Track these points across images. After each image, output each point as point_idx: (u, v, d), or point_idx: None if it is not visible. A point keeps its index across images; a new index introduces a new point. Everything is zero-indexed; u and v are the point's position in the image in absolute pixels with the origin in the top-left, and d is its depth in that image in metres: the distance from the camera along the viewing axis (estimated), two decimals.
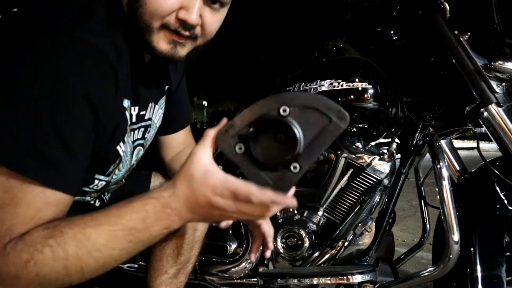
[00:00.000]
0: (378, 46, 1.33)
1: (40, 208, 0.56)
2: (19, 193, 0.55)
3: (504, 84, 1.10)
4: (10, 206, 0.55)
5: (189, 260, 1.08)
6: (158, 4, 0.65)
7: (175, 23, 0.67)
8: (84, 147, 0.62)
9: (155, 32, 0.68)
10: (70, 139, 0.58)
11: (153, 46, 0.69)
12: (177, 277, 1.06)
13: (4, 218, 0.55)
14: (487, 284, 1.02)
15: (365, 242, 1.16)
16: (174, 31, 0.68)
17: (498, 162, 1.13)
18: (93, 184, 0.80)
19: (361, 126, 1.22)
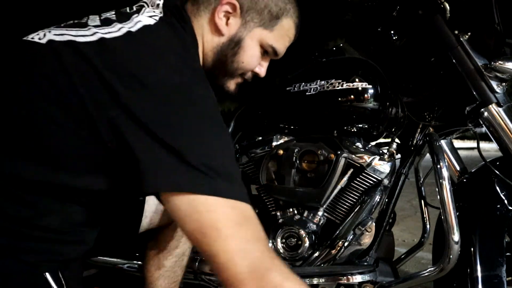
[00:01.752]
0: (378, 46, 1.33)
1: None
2: (252, 224, 0.65)
3: (504, 84, 1.10)
4: (254, 239, 0.64)
5: (184, 253, 1.10)
6: (250, 63, 0.86)
7: (250, 75, 0.91)
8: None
9: (234, 78, 0.88)
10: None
11: (224, 87, 0.89)
12: (174, 270, 1.09)
13: (262, 249, 0.63)
14: (487, 284, 1.02)
15: (365, 242, 1.16)
16: (244, 78, 0.90)
17: (498, 162, 1.13)
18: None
19: (361, 126, 1.22)
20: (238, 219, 0.63)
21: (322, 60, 1.31)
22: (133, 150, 0.62)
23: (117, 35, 0.68)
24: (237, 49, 0.83)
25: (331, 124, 1.24)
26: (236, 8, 0.80)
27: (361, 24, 1.37)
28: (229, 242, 0.61)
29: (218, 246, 0.61)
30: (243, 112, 1.36)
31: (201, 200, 0.61)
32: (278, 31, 0.86)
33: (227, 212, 0.62)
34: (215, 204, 0.61)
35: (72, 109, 0.64)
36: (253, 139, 1.35)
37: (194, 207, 0.61)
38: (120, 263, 1.29)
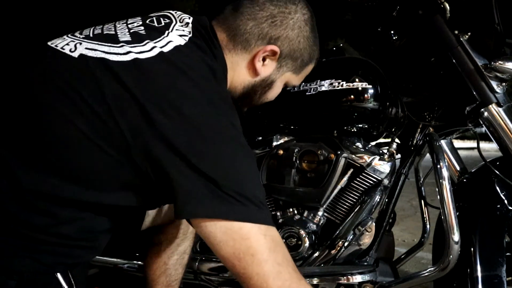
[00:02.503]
0: (378, 46, 1.33)
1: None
2: (281, 248, 0.72)
3: (504, 84, 1.10)
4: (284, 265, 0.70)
5: (185, 251, 1.12)
6: (272, 98, 0.96)
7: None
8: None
9: (252, 106, 0.97)
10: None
11: (239, 110, 0.90)
12: (175, 268, 1.10)
13: (291, 271, 0.71)
14: (487, 284, 1.02)
15: (365, 242, 1.16)
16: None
17: (498, 162, 1.13)
18: None
19: (361, 126, 1.22)
20: (270, 244, 0.67)
21: (322, 60, 1.31)
22: (169, 176, 0.64)
23: (150, 56, 0.68)
24: (267, 89, 0.90)
25: (331, 124, 1.24)
26: (276, 54, 0.84)
27: (361, 24, 1.37)
28: (263, 266, 0.66)
29: (253, 270, 0.66)
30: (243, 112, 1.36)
31: (236, 227, 0.65)
32: (304, 74, 0.95)
33: (260, 239, 0.66)
34: (250, 231, 0.66)
35: (106, 130, 0.65)
36: (253, 139, 1.35)
37: (229, 234, 0.65)
38: (120, 263, 1.29)
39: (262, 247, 0.66)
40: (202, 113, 0.66)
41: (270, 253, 0.67)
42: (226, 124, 0.69)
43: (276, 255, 0.68)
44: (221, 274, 1.23)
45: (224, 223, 0.65)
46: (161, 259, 1.09)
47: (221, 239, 0.65)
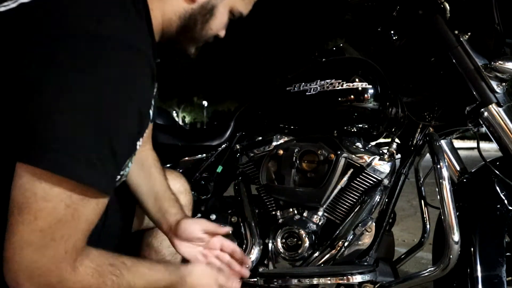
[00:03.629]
0: (378, 46, 1.33)
1: (93, 220, 0.61)
2: (81, 206, 0.58)
3: (504, 84, 1.10)
4: (73, 221, 0.58)
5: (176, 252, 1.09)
6: (218, 30, 0.81)
7: (212, 39, 0.83)
8: (127, 156, 0.66)
9: (198, 43, 0.82)
10: (120, 148, 0.61)
11: (186, 52, 0.83)
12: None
13: (69, 234, 0.58)
14: (487, 284, 1.02)
15: (365, 242, 1.16)
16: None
17: (498, 162, 1.13)
18: (126, 169, 0.79)
19: (361, 126, 1.22)
20: (63, 215, 0.59)
21: (322, 60, 1.31)
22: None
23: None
24: (209, 17, 0.77)
25: (331, 124, 1.24)
26: None
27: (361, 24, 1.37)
28: (32, 233, 0.58)
29: (19, 230, 0.57)
30: (243, 112, 1.36)
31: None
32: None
33: (58, 205, 0.58)
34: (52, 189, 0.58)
35: None
36: (253, 139, 1.36)
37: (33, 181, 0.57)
38: None
39: (51, 215, 0.57)
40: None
41: (54, 223, 0.57)
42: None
43: (60, 231, 0.57)
44: None
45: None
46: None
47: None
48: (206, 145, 1.37)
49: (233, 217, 1.31)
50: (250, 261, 1.04)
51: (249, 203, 1.30)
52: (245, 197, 1.31)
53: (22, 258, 0.56)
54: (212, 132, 1.40)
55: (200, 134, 1.43)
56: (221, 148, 1.36)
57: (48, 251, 0.57)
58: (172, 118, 1.56)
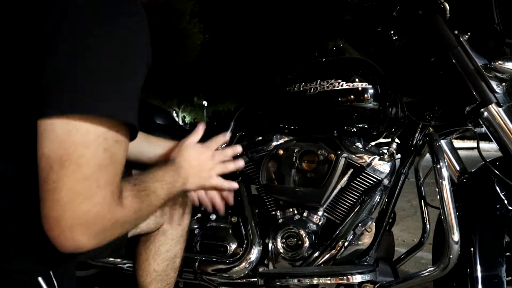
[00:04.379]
0: (378, 46, 1.33)
1: (123, 162, 0.64)
2: (115, 149, 0.60)
3: (504, 84, 1.10)
4: (111, 165, 0.60)
5: (176, 255, 1.09)
6: None
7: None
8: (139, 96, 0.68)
9: None
10: (138, 88, 0.64)
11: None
12: (166, 273, 1.08)
13: (112, 177, 0.60)
14: (487, 284, 1.02)
15: (365, 242, 1.16)
16: None
17: (498, 162, 1.13)
18: None
19: (361, 126, 1.22)
20: (103, 160, 0.62)
21: (322, 60, 1.31)
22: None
23: None
24: None
25: (331, 124, 1.24)
26: None
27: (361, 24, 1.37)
28: (81, 182, 0.59)
29: (67, 183, 0.58)
30: (243, 112, 1.36)
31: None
32: None
33: (98, 150, 0.61)
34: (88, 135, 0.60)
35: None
36: (253, 139, 1.35)
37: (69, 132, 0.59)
38: (120, 263, 1.29)
39: (92, 160, 0.58)
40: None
41: (97, 170, 0.58)
42: None
43: (103, 176, 0.59)
44: (221, 274, 1.23)
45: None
46: (151, 266, 1.07)
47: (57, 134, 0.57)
48: None
49: (233, 217, 1.31)
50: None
51: (249, 203, 1.30)
52: (245, 197, 1.31)
53: (74, 211, 0.56)
54: (212, 132, 1.40)
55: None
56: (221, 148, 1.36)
57: (97, 198, 0.58)
58: (172, 118, 1.56)
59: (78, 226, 0.57)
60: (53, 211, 0.56)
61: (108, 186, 0.60)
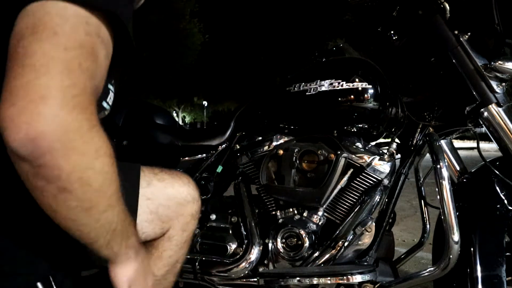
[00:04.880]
0: (378, 46, 1.33)
1: (104, 75, 0.56)
2: (98, 43, 0.52)
3: (504, 84, 1.10)
4: (94, 57, 0.52)
5: (177, 260, 1.05)
6: None
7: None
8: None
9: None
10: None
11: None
12: (166, 278, 1.04)
13: (93, 70, 0.51)
14: (487, 284, 1.02)
15: (365, 242, 1.16)
16: None
17: (498, 162, 1.13)
18: (108, 96, 0.74)
19: (361, 126, 1.22)
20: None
21: (322, 60, 1.31)
22: None
23: None
24: None
25: (331, 124, 1.24)
26: None
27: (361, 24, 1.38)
28: (56, 51, 0.49)
29: (38, 47, 0.48)
30: (243, 112, 1.37)
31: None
32: None
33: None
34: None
35: None
36: (253, 139, 1.36)
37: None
38: None
39: (72, 35, 0.49)
40: None
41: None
42: None
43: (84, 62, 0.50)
44: (221, 274, 1.23)
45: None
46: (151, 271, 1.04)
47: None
48: (206, 145, 1.37)
49: (233, 217, 1.31)
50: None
51: (249, 203, 1.30)
52: (245, 197, 1.31)
53: (52, 79, 0.46)
54: (212, 132, 1.40)
55: (200, 134, 1.43)
56: (221, 148, 1.36)
57: (80, 78, 0.49)
58: (172, 118, 1.56)
59: (53, 99, 0.46)
60: (23, 77, 0.46)
61: (90, 78, 0.50)
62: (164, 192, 0.96)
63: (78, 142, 0.49)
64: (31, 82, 0.45)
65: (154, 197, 0.94)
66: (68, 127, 0.47)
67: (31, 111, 0.45)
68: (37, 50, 0.46)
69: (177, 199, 0.97)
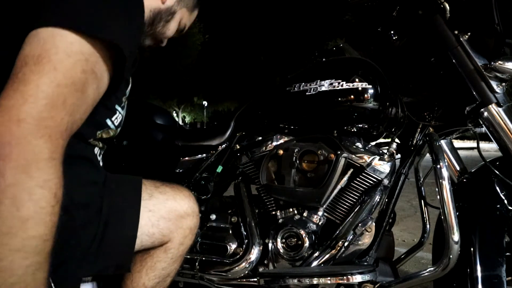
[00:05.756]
0: (378, 46, 1.33)
1: (92, 104, 0.63)
2: (91, 78, 0.59)
3: (504, 84, 1.10)
4: (82, 94, 0.59)
5: (169, 274, 1.04)
6: (171, 32, 0.99)
7: (161, 44, 1.02)
8: (140, 32, 0.70)
9: (153, 41, 0.98)
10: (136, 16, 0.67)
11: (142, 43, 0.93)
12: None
13: (77, 106, 0.59)
14: (487, 284, 1.02)
15: (365, 242, 1.16)
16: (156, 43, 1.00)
17: (498, 162, 1.13)
18: (114, 116, 0.83)
19: (361, 126, 1.22)
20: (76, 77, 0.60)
21: (322, 60, 1.31)
22: None
23: None
24: (170, 19, 0.96)
25: (331, 124, 1.24)
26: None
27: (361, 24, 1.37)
28: (42, 85, 0.56)
29: (29, 79, 0.56)
30: (243, 112, 1.36)
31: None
32: (193, 16, 1.05)
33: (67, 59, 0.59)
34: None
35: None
36: (253, 139, 1.36)
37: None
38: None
39: (69, 72, 0.56)
40: None
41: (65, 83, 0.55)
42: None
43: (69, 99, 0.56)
44: (221, 274, 1.23)
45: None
46: (141, 280, 1.00)
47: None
48: (206, 145, 1.37)
49: (233, 217, 1.31)
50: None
51: (249, 203, 1.30)
52: (245, 197, 1.31)
53: (34, 108, 0.53)
54: (212, 132, 1.40)
55: (200, 134, 1.43)
56: (221, 148, 1.36)
57: (59, 113, 0.55)
58: (172, 118, 1.56)
59: (27, 124, 0.53)
60: (11, 100, 0.53)
61: (69, 114, 0.56)
62: (166, 204, 0.96)
63: (32, 164, 0.53)
64: (15, 106, 0.53)
65: (156, 209, 0.94)
66: (29, 148, 0.53)
67: (5, 127, 0.52)
68: (33, 81, 0.54)
69: (178, 212, 0.98)
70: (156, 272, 1.01)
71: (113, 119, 0.82)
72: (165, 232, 0.97)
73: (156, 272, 1.01)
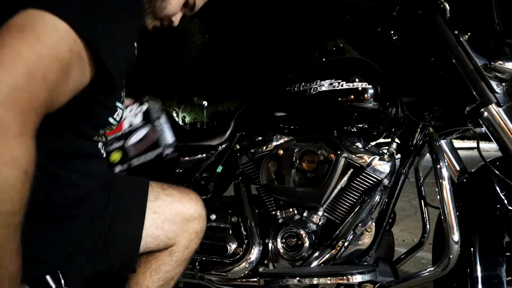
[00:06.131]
0: (378, 46, 1.33)
1: (66, 94, 0.59)
2: (76, 62, 0.56)
3: (504, 84, 1.10)
4: (65, 75, 0.55)
5: (173, 277, 1.04)
6: (175, 8, 0.86)
7: (166, 22, 0.89)
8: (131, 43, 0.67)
9: (154, 20, 0.86)
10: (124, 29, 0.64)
11: (144, 24, 0.84)
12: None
13: (55, 85, 0.54)
14: (487, 284, 1.02)
15: (365, 242, 1.16)
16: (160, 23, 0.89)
17: (498, 162, 1.13)
18: (115, 113, 0.81)
19: (361, 126, 1.22)
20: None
21: (322, 60, 1.31)
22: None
23: None
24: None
25: (331, 124, 1.24)
26: None
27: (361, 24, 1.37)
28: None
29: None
30: (243, 112, 1.37)
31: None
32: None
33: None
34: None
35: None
36: (253, 139, 1.36)
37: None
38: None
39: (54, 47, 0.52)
40: None
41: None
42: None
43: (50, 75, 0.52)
44: (221, 274, 1.23)
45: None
46: (145, 282, 1.00)
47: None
48: (206, 145, 1.37)
49: (233, 217, 1.31)
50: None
51: (249, 203, 1.30)
52: (245, 197, 1.31)
53: (7, 75, 0.48)
54: (212, 132, 1.40)
55: (200, 134, 1.43)
56: (221, 148, 1.36)
57: (36, 87, 0.50)
58: (172, 118, 1.56)
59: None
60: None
61: (44, 90, 0.51)
62: (171, 206, 0.96)
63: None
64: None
65: (161, 211, 0.94)
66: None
67: None
68: (13, 47, 0.49)
69: (184, 215, 0.97)
70: (160, 274, 1.00)
71: (114, 116, 0.81)
72: (170, 235, 0.96)
73: (160, 274, 1.00)
